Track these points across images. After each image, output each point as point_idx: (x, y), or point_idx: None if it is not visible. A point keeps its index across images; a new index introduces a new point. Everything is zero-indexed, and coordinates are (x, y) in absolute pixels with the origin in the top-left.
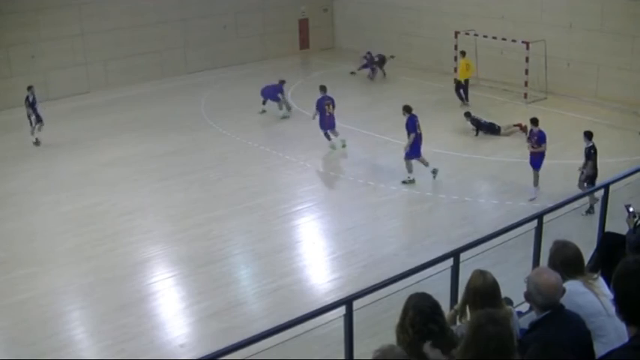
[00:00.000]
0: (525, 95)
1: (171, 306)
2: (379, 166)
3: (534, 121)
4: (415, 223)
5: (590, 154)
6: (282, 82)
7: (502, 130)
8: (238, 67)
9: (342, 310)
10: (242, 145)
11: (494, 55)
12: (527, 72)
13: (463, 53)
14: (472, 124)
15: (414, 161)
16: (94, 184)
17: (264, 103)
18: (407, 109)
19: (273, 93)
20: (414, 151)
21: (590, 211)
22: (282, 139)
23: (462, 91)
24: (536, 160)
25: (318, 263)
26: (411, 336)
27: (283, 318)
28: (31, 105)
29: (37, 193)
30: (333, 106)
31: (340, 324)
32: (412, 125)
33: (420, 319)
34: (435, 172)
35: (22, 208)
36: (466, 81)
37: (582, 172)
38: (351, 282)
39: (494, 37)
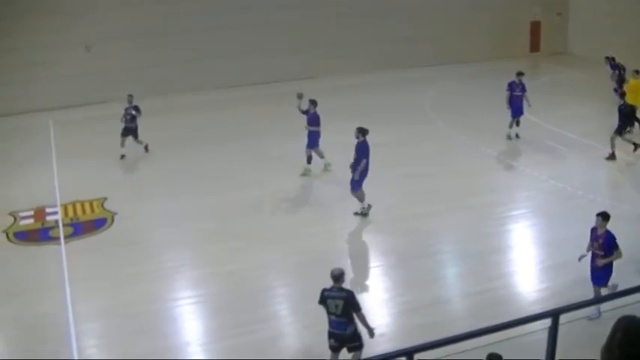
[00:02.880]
0: None
1: (375, 295)
2: (600, 179)
3: (604, 217)
4: (632, 242)
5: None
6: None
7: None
8: (465, 64)
9: (547, 322)
10: (463, 143)
11: None
12: None
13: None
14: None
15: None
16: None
17: None
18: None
19: None
20: None
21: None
22: (506, 143)
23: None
24: (599, 274)
25: (526, 271)
26: (617, 357)
27: (485, 322)
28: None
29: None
30: None
31: (541, 336)
32: None
33: (629, 341)
34: None
35: (229, 185)
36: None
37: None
38: (558, 294)
39: None
